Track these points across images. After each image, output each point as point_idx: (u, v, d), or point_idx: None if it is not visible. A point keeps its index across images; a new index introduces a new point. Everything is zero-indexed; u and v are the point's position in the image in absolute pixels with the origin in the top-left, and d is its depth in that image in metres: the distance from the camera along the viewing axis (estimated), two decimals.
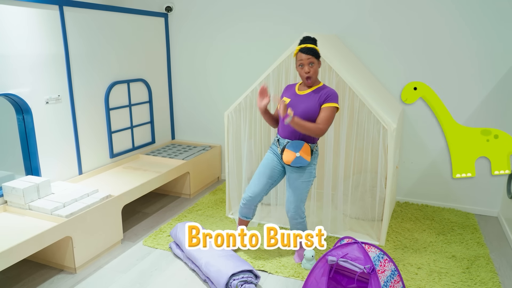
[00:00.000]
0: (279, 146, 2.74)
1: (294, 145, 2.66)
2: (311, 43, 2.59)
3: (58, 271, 2.80)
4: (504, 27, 3.37)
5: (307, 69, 2.57)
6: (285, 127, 2.69)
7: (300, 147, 2.65)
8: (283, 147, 2.70)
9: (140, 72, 4.20)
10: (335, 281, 2.52)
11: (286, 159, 2.67)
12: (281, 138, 2.73)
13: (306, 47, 2.56)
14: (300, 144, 2.65)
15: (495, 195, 3.70)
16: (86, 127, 3.58)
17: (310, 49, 2.55)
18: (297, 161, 2.65)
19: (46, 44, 3.13)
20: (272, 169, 2.81)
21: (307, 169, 2.72)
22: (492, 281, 2.67)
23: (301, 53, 2.56)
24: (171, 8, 4.43)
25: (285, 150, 2.68)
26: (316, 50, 2.57)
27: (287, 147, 2.67)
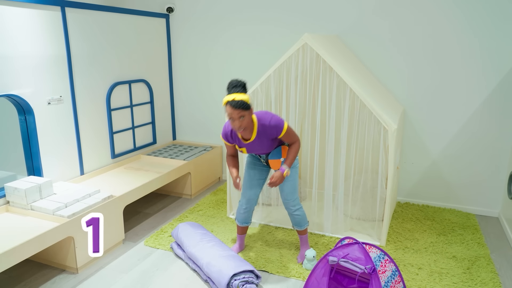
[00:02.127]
0: (260, 157, 2.82)
1: (274, 154, 2.71)
2: (240, 91, 2.39)
3: (60, 271, 2.81)
4: (508, 25, 3.37)
5: (237, 123, 2.41)
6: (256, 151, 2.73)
7: (280, 152, 2.70)
8: (265, 159, 2.77)
9: (142, 72, 4.21)
10: (336, 281, 2.52)
11: (275, 167, 2.71)
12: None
13: (234, 100, 2.35)
14: (279, 150, 2.70)
15: (495, 196, 3.70)
16: (88, 128, 3.59)
17: (238, 103, 2.34)
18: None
19: (48, 45, 3.14)
20: (260, 170, 2.87)
21: None
22: (493, 281, 2.67)
23: (230, 107, 2.37)
24: (172, 9, 4.44)
25: (270, 161, 2.72)
26: (245, 102, 2.36)
27: (270, 157, 2.72)
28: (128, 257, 3.01)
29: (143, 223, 3.58)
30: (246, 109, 2.38)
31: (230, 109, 2.37)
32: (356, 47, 3.84)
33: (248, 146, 2.66)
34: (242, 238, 3.06)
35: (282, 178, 2.61)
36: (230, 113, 2.38)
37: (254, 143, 2.62)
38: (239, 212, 2.96)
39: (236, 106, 2.35)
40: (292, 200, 2.82)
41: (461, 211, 3.79)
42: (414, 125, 3.83)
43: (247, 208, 2.92)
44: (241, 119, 2.40)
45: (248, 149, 2.69)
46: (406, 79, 3.76)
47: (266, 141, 2.62)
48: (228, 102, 2.37)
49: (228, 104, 2.37)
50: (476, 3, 3.40)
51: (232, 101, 2.35)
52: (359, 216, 3.52)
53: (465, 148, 3.71)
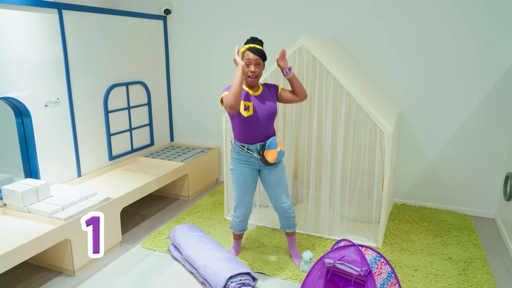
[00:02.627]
0: (252, 152, 2.67)
1: (272, 142, 2.67)
2: (259, 44, 2.59)
3: (57, 273, 2.82)
4: (506, 26, 3.39)
5: (253, 68, 2.54)
6: (253, 134, 2.65)
7: (276, 142, 2.68)
8: (260, 150, 2.67)
9: (139, 74, 4.22)
10: (332, 283, 2.53)
11: (271, 158, 2.64)
12: (250, 145, 2.67)
13: (255, 47, 2.54)
14: (274, 139, 2.68)
15: (492, 197, 3.72)
16: (85, 130, 3.59)
17: (258, 50, 2.54)
18: (280, 155, 2.68)
19: (45, 48, 3.14)
20: (250, 182, 2.77)
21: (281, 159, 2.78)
22: (488, 283, 2.68)
23: (249, 52, 2.54)
24: (170, 11, 4.45)
25: (266, 151, 2.65)
26: (263, 52, 2.57)
27: (267, 147, 2.65)
28: (125, 259, 3.01)
29: (140, 225, 3.59)
30: (263, 58, 2.58)
31: (249, 54, 2.54)
32: (353, 49, 3.85)
33: (255, 101, 2.63)
34: (239, 243, 3.06)
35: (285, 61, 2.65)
36: (249, 58, 2.54)
37: (261, 97, 2.65)
38: (234, 223, 2.92)
39: (256, 52, 2.53)
40: (288, 203, 2.82)
41: (457, 213, 3.80)
42: (411, 127, 3.85)
43: (243, 220, 2.90)
44: (257, 66, 2.56)
45: (255, 106, 2.61)
46: (402, 81, 3.77)
47: (272, 101, 2.69)
48: (249, 48, 2.55)
49: (249, 49, 2.55)
50: (473, 6, 3.42)
51: (253, 48, 2.54)
52: (356, 217, 3.53)
53: (461, 150, 3.73)
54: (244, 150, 2.69)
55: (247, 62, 2.55)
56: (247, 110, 2.62)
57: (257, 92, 2.67)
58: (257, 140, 2.68)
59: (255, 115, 2.62)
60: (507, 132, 3.55)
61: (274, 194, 2.80)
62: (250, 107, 2.62)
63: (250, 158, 2.71)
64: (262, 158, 2.68)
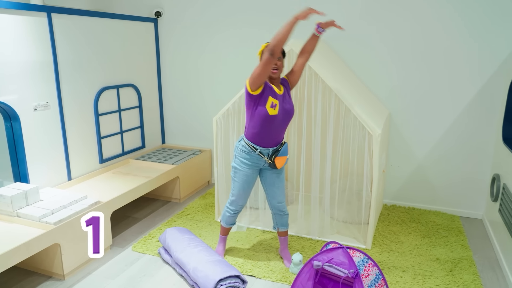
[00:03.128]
0: (264, 156, 2.69)
1: (285, 149, 2.73)
2: None
3: (47, 277, 2.81)
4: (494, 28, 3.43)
5: (275, 61, 2.52)
6: (269, 136, 2.66)
7: (287, 149, 2.75)
8: (273, 156, 2.68)
9: (130, 77, 4.21)
10: (321, 285, 2.56)
11: (280, 164, 2.71)
12: (263, 148, 2.68)
13: None
14: (287, 146, 2.75)
15: (479, 198, 3.77)
16: (75, 133, 3.59)
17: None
18: (286, 161, 2.77)
19: (34, 51, 3.13)
20: (251, 182, 2.83)
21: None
22: (474, 283, 2.72)
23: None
24: (161, 13, 4.45)
25: (277, 158, 2.69)
26: (283, 49, 2.63)
27: (280, 154, 2.70)
28: (115, 262, 3.01)
29: (131, 228, 3.59)
30: (283, 53, 2.67)
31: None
32: (343, 52, 3.88)
33: (280, 100, 2.64)
34: (225, 240, 3.10)
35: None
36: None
37: (283, 97, 2.67)
38: (226, 215, 2.97)
39: None
40: (283, 202, 2.91)
41: (446, 213, 3.85)
42: (400, 129, 3.89)
43: (237, 213, 2.98)
44: (278, 59, 2.59)
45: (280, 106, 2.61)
46: (391, 83, 3.81)
47: (289, 100, 2.73)
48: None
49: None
50: (462, 8, 3.46)
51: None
52: (345, 219, 3.56)
53: (450, 152, 3.78)
54: (256, 152, 2.68)
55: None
56: (273, 108, 2.58)
57: (280, 91, 2.69)
58: (272, 143, 2.68)
59: (279, 116, 2.62)
60: (493, 134, 3.61)
61: (272, 193, 2.86)
62: (277, 106, 2.59)
63: (259, 160, 2.71)
64: (271, 163, 2.71)
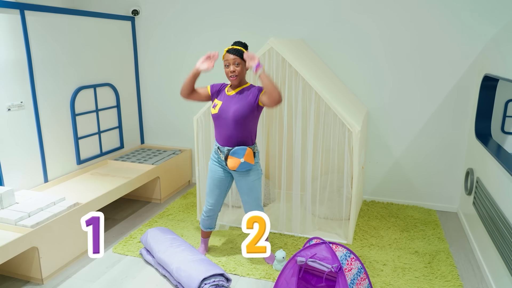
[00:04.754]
0: (221, 153, 2.72)
1: (238, 151, 2.66)
2: (239, 45, 2.65)
3: (24, 282, 2.73)
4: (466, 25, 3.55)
5: (232, 68, 2.59)
6: (221, 135, 2.69)
7: (243, 153, 2.66)
8: (226, 155, 2.69)
9: (107, 76, 4.13)
10: (305, 280, 2.59)
11: (231, 165, 2.67)
12: (220, 146, 2.72)
13: (233, 48, 2.62)
14: (243, 149, 2.66)
15: (454, 192, 3.89)
16: (51, 134, 3.49)
17: (236, 50, 2.60)
18: (242, 166, 2.67)
19: (6, 50, 3.03)
20: (219, 180, 2.82)
21: (253, 168, 2.77)
22: (451, 274, 2.82)
23: (228, 54, 2.61)
24: (138, 11, 4.39)
25: (229, 157, 2.67)
26: (242, 51, 2.61)
27: (231, 154, 2.66)
28: (95, 265, 2.95)
29: (111, 230, 3.53)
30: (240, 56, 2.60)
31: (228, 55, 2.61)
32: (322, 51, 3.93)
33: (226, 100, 2.65)
34: (206, 242, 3.08)
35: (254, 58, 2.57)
36: (227, 58, 2.61)
37: (233, 97, 2.66)
38: (202, 218, 2.98)
39: (233, 52, 2.60)
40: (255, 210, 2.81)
41: (423, 208, 3.96)
42: (378, 126, 3.97)
43: (210, 216, 2.95)
44: (235, 65, 2.60)
45: (222, 105, 2.64)
46: (368, 81, 3.89)
47: (245, 102, 2.62)
48: (227, 50, 2.63)
49: (228, 51, 2.63)
50: (435, 7, 3.57)
51: (230, 49, 2.62)
52: (326, 215, 3.61)
53: (425, 148, 3.89)
54: (216, 147, 2.77)
55: (227, 64, 2.62)
56: (214, 107, 2.70)
57: (232, 92, 2.70)
58: (226, 142, 2.69)
59: (220, 115, 2.66)
60: (466, 130, 3.73)
61: (244, 201, 2.85)
62: (217, 106, 2.68)
63: (221, 158, 2.74)
64: (225, 162, 2.71)
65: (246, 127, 2.68)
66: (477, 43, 3.53)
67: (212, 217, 2.97)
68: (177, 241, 2.93)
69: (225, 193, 2.92)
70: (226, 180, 2.84)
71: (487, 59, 3.31)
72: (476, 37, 3.52)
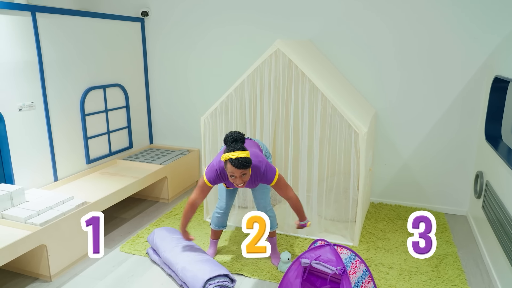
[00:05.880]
0: None
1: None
2: (240, 148, 2.34)
3: (33, 279, 2.78)
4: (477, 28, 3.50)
5: (239, 181, 2.39)
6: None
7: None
8: None
9: (117, 77, 4.18)
10: (309, 282, 2.58)
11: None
12: None
13: (238, 159, 2.29)
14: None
15: (464, 195, 3.84)
16: (61, 133, 3.55)
17: (241, 163, 2.30)
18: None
19: (18, 51, 3.10)
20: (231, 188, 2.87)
21: None
22: (459, 278, 2.78)
23: (232, 167, 2.32)
24: (147, 12, 4.43)
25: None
26: (248, 160, 2.32)
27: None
28: (103, 263, 2.99)
29: (119, 229, 3.57)
30: (248, 167, 2.36)
31: (232, 168, 2.33)
32: (329, 52, 3.92)
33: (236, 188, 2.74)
34: (215, 244, 3.09)
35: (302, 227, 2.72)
36: (232, 171, 2.35)
37: (247, 185, 2.63)
38: (215, 216, 2.98)
39: (239, 167, 2.31)
40: (266, 205, 2.88)
41: (431, 210, 3.88)
42: (386, 127, 3.94)
43: (224, 215, 2.96)
44: (243, 176, 2.38)
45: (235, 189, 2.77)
46: (377, 82, 3.86)
47: (256, 183, 2.66)
48: (230, 160, 2.32)
49: (230, 163, 2.33)
50: (446, 9, 3.52)
51: (235, 161, 2.30)
52: (333, 217, 3.60)
53: (435, 150, 3.84)
54: None
55: (232, 175, 2.39)
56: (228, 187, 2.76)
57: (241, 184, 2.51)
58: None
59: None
60: (476, 132, 3.68)
61: (254, 196, 2.89)
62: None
63: None
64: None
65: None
66: (488, 44, 3.48)
67: (225, 215, 2.98)
68: (183, 241, 2.94)
69: (235, 194, 2.97)
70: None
71: (498, 60, 3.26)
72: (487, 38, 3.47)
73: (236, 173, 2.35)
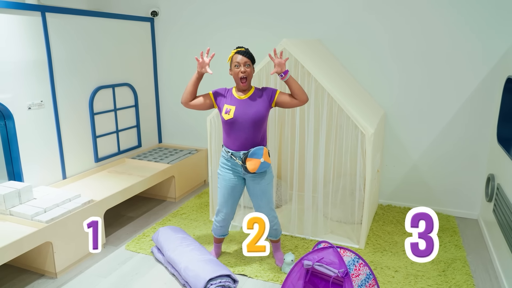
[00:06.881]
0: (236, 158, 2.67)
1: (256, 152, 2.62)
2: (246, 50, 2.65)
3: (39, 276, 2.82)
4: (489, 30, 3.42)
5: (243, 68, 2.58)
6: (236, 140, 2.65)
7: (261, 153, 2.63)
8: (244, 157, 2.63)
9: (126, 76, 4.22)
10: (312, 284, 2.55)
11: (251, 167, 2.62)
12: (234, 152, 2.68)
13: (242, 50, 2.62)
14: (261, 149, 2.63)
15: (475, 198, 3.75)
16: (70, 132, 3.60)
17: (246, 51, 2.61)
18: (262, 166, 2.63)
19: (28, 50, 3.15)
20: (233, 188, 2.78)
21: (268, 170, 2.75)
22: (467, 283, 2.71)
23: (237, 55, 2.60)
24: (157, 12, 4.45)
25: (248, 160, 2.62)
26: (251, 54, 2.63)
27: (250, 155, 2.61)
28: (108, 261, 3.02)
29: (125, 227, 3.59)
30: (252, 60, 2.63)
31: (237, 56, 2.59)
32: (338, 52, 3.88)
33: (239, 105, 2.62)
34: (219, 246, 3.07)
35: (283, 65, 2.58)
36: (238, 61, 2.59)
37: (247, 101, 2.63)
38: (215, 226, 2.95)
39: (244, 54, 2.60)
40: (270, 215, 2.81)
41: (441, 213, 3.83)
42: (395, 128, 3.87)
43: (224, 226, 2.92)
44: (246, 66, 2.60)
45: (237, 110, 2.61)
46: (387, 83, 3.80)
47: (262, 105, 2.63)
48: (237, 51, 2.62)
49: (237, 52, 2.62)
50: (457, 10, 3.45)
51: (240, 50, 2.62)
52: (339, 218, 3.56)
53: (445, 152, 3.76)
54: (229, 155, 2.70)
55: (236, 64, 2.60)
56: (227, 113, 2.62)
57: (244, 96, 2.66)
58: (241, 146, 2.66)
59: (236, 120, 2.60)
60: (488, 135, 3.59)
61: (257, 205, 2.82)
62: (231, 111, 2.62)
63: (235, 164, 2.71)
64: (244, 166, 2.65)
65: (262, 129, 2.68)
66: (500, 44, 3.39)
67: (225, 226, 2.94)
68: (187, 241, 2.95)
69: (238, 200, 2.88)
70: (239, 187, 2.80)
71: (510, 60, 3.17)
72: (499, 38, 3.38)
73: (241, 61, 2.59)
